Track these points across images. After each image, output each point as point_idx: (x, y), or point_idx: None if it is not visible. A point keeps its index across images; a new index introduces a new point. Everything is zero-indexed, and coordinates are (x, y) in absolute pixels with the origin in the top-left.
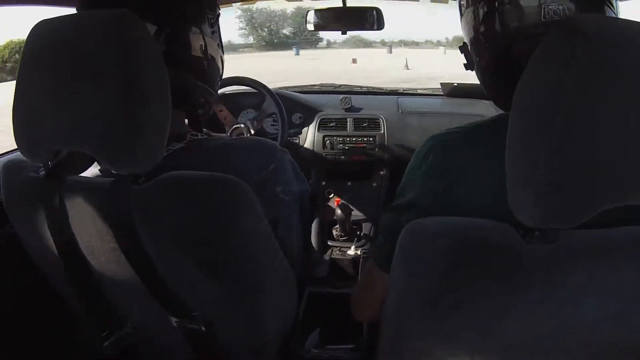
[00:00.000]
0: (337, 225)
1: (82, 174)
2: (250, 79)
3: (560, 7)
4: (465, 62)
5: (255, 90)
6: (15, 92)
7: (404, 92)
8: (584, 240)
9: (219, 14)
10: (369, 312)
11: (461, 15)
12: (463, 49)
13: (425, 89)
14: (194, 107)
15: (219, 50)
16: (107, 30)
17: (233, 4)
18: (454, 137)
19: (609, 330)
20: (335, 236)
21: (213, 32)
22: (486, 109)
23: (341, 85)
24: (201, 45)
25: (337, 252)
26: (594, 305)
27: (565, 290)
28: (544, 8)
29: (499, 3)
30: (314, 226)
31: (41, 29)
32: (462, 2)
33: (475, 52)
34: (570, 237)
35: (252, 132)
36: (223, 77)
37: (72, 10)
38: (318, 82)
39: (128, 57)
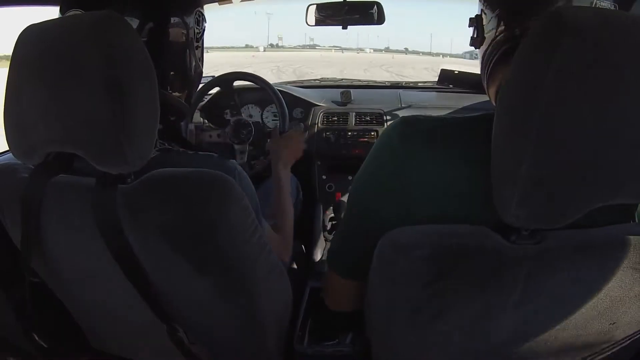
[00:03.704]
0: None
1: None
2: (251, 74)
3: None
4: (475, 35)
5: (256, 86)
6: (5, 98)
7: (405, 85)
8: (570, 240)
9: (202, 13)
10: (345, 307)
11: None
12: (475, 20)
13: (425, 82)
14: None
15: (200, 40)
16: (93, 33)
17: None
18: (426, 127)
19: (595, 327)
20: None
21: (196, 22)
22: (488, 103)
23: (342, 79)
24: (183, 37)
25: None
26: (580, 304)
27: (550, 289)
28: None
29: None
30: (315, 221)
31: (28, 34)
32: None
33: (488, 31)
34: (556, 237)
35: (252, 126)
36: (223, 73)
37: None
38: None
39: (115, 60)
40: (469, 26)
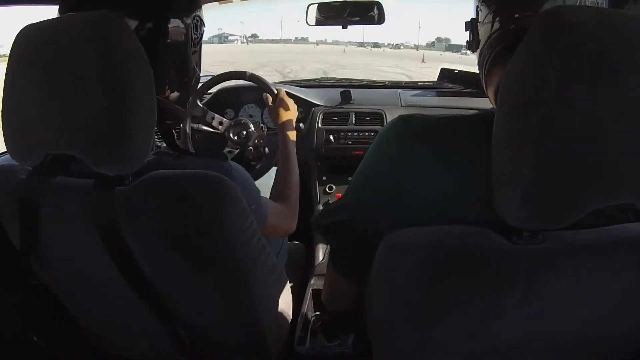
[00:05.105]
0: None
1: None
2: (250, 73)
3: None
4: (469, 39)
5: (255, 85)
6: (3, 99)
7: (405, 85)
8: (571, 240)
9: (201, 18)
10: (341, 308)
11: None
12: (470, 25)
13: (425, 82)
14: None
15: (198, 44)
16: (91, 33)
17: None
18: (421, 127)
19: (598, 329)
20: None
21: (194, 26)
22: (488, 104)
23: (342, 79)
24: (182, 38)
25: None
26: (582, 305)
27: (552, 290)
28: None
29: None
30: None
31: (27, 34)
32: None
33: (484, 31)
34: (558, 237)
35: (252, 127)
36: (225, 72)
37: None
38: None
39: (113, 60)
40: (465, 30)
